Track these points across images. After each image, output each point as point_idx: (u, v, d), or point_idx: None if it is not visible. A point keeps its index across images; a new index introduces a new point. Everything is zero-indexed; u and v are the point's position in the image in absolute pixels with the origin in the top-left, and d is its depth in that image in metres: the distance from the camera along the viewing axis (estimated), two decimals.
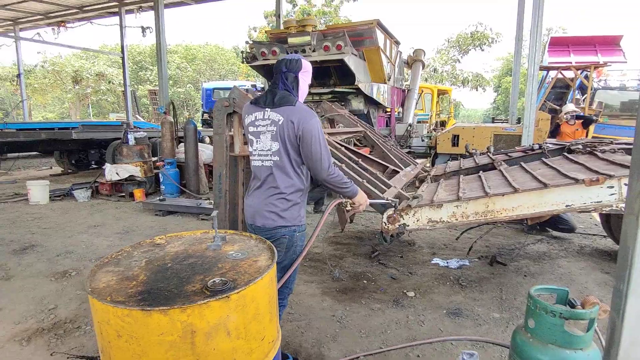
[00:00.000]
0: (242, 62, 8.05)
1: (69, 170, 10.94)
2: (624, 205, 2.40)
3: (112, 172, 7.37)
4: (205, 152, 8.72)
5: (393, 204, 2.89)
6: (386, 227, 2.91)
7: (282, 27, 11.48)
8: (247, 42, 8.94)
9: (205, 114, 16.25)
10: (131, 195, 7.55)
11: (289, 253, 2.27)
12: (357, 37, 6.89)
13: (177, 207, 6.42)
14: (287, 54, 6.76)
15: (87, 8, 12.81)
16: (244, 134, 3.59)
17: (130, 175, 7.47)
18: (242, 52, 8.21)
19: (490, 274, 4.12)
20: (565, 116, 7.33)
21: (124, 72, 13.06)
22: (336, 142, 3.69)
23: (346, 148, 3.81)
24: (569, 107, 7.59)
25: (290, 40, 6.62)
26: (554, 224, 5.29)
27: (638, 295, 1.20)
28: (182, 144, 8.75)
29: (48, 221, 6.17)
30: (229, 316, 1.29)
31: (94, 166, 11.50)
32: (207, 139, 11.97)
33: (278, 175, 2.23)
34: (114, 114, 27.73)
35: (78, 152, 10.96)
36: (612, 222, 4.62)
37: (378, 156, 4.62)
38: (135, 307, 1.22)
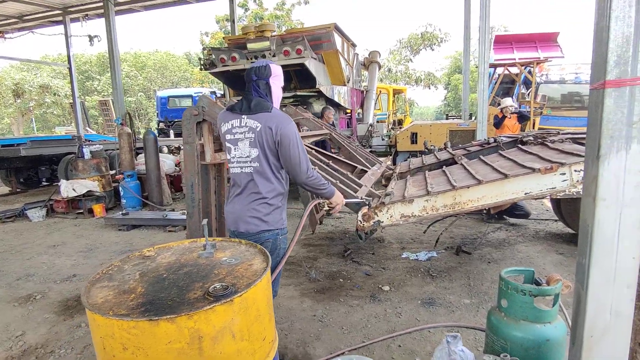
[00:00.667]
0: (200, 69, 7.95)
1: (18, 190, 10.29)
2: (575, 189, 2.65)
3: (68, 188, 7.04)
4: (166, 162, 8.53)
5: (367, 202, 3.01)
6: (361, 224, 3.02)
7: (237, 32, 11.45)
8: (204, 49, 8.83)
9: (161, 123, 15.82)
10: (90, 211, 7.25)
11: (272, 256, 2.32)
12: (316, 41, 7.01)
13: (142, 220, 6.25)
14: (247, 59, 6.78)
15: (27, 17, 12.13)
16: (215, 142, 3.63)
17: (88, 191, 7.17)
18: (199, 58, 8.11)
19: (457, 263, 4.35)
20: (508, 109, 7.71)
21: (72, 83, 12.46)
22: (306, 145, 3.76)
23: (316, 150, 3.90)
24: (508, 101, 7.88)
25: (250, 45, 6.63)
26: (510, 212, 5.66)
27: (599, 267, 1.37)
28: (140, 155, 8.51)
29: (2, 244, 5.81)
30: (233, 319, 1.34)
31: (45, 183, 10.90)
32: (165, 149, 11.69)
33: (259, 181, 2.27)
34: (61, 127, 26.30)
35: (27, 170, 10.33)
36: (562, 207, 5.00)
37: (345, 157, 4.75)
38: (142, 318, 1.24)
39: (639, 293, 1.42)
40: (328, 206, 2.61)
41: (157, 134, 7.86)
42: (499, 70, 10.72)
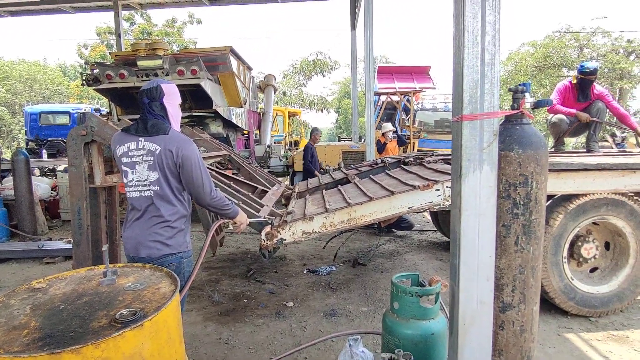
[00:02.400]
0: (82, 84, 7.30)
1: None
2: (447, 203, 3.11)
3: None
4: (41, 185, 7.58)
5: (270, 221, 3.11)
6: (265, 243, 3.11)
7: (123, 46, 10.78)
8: (86, 62, 8.14)
9: (30, 142, 13.96)
10: None
11: None
12: (211, 62, 6.98)
13: (11, 253, 5.44)
14: (137, 77, 6.47)
15: None
16: (105, 164, 3.41)
17: None
18: (80, 73, 7.47)
19: (354, 274, 4.66)
20: (387, 134, 8.59)
21: None
22: (207, 166, 3.74)
23: (216, 172, 3.89)
24: (388, 126, 8.83)
25: (140, 63, 6.33)
26: (397, 224, 6.25)
27: (466, 265, 1.68)
28: (7, 179, 7.43)
29: None
30: (143, 344, 1.32)
31: None
32: (37, 171, 10.34)
33: (160, 204, 2.22)
34: None
35: None
36: (439, 219, 5.71)
37: (245, 178, 4.80)
38: (41, 352, 1.17)
39: (496, 285, 1.76)
40: (232, 226, 2.65)
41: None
42: (383, 97, 11.82)
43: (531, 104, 1.79)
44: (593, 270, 3.63)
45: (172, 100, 2.34)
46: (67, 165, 9.18)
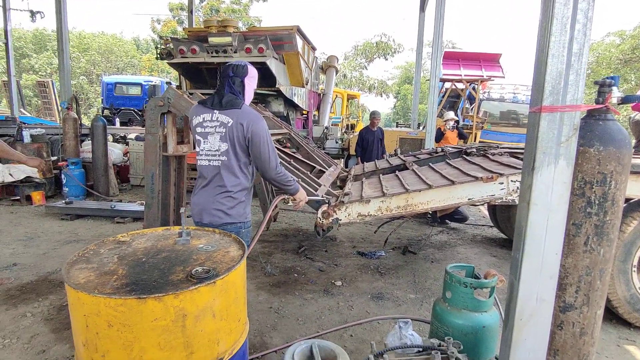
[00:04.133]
0: (157, 58, 7.74)
1: None
2: (511, 197, 3.00)
3: (4, 173, 6.58)
4: (114, 151, 8.22)
5: (327, 201, 3.19)
6: (321, 221, 3.19)
7: (194, 23, 11.22)
8: (161, 37, 8.59)
9: (105, 110, 15.06)
10: (28, 198, 6.81)
11: None
12: (277, 42, 7.10)
13: (87, 210, 6.00)
14: (208, 53, 6.73)
15: None
16: (177, 134, 3.64)
17: (26, 177, 6.74)
18: (155, 47, 7.90)
19: (403, 261, 4.66)
20: (448, 123, 8.27)
21: (7, 60, 11.54)
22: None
23: (278, 149, 4.02)
24: (450, 114, 8.49)
25: (211, 39, 6.58)
26: (451, 216, 6.11)
27: (529, 261, 1.64)
28: (85, 143, 8.13)
29: None
30: (214, 300, 1.45)
31: None
32: (110, 137, 11.17)
33: (225, 174, 2.36)
34: None
35: None
36: (497, 214, 5.50)
37: (303, 157, 4.90)
38: (130, 296, 1.32)
39: (559, 284, 1.70)
40: (292, 202, 2.75)
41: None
42: (447, 84, 11.40)
43: (618, 99, 1.67)
44: None
45: (252, 82, 2.49)
46: (138, 134, 9.83)
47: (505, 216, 5.33)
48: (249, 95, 2.53)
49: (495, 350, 2.23)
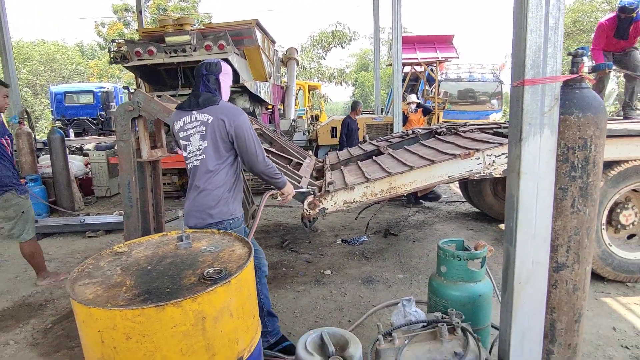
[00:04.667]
0: (111, 63, 7.42)
1: None
2: (488, 170, 3.14)
3: None
4: (75, 163, 7.84)
5: (312, 192, 3.21)
6: (307, 212, 3.21)
7: (144, 24, 10.80)
8: (113, 41, 8.22)
9: (57, 122, 14.29)
10: None
11: None
12: (237, 37, 6.96)
13: (55, 227, 5.72)
14: (166, 53, 6.52)
15: None
16: (150, 138, 3.53)
17: None
18: (109, 51, 7.56)
19: (387, 244, 4.77)
20: (410, 106, 8.55)
21: None
22: None
23: None
24: (412, 97, 8.78)
25: (168, 39, 6.37)
26: (425, 196, 6.29)
27: (523, 227, 1.73)
28: (42, 157, 7.71)
29: None
30: (231, 299, 1.44)
31: None
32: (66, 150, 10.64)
33: (204, 173, 2.31)
34: None
35: None
36: (469, 189, 5.71)
37: (278, 151, 4.88)
38: (147, 305, 1.29)
39: (551, 245, 1.81)
40: (280, 196, 2.75)
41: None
42: (406, 68, 11.62)
43: (589, 67, 1.78)
44: (631, 236, 3.63)
45: (227, 79, 2.46)
46: (97, 143, 9.40)
47: (477, 190, 5.54)
48: (225, 92, 2.50)
49: (490, 315, 2.35)
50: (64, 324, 3.26)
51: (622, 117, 4.76)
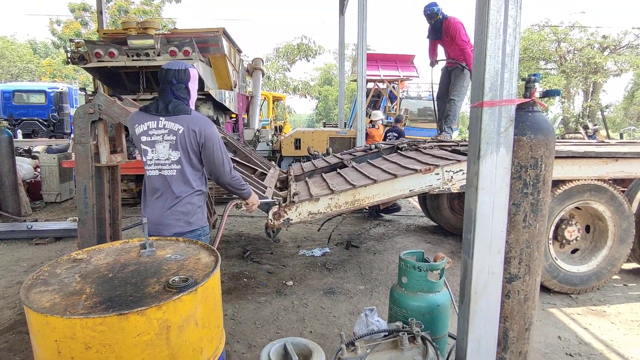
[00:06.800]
0: (67, 63, 7.10)
1: None
2: (447, 186, 3.28)
3: None
4: (23, 166, 7.40)
5: (277, 202, 3.21)
6: (272, 223, 3.21)
7: (105, 24, 10.46)
8: (71, 40, 7.89)
9: (4, 121, 13.41)
10: None
11: None
12: (203, 44, 6.90)
13: None
14: (128, 56, 6.35)
15: None
16: (110, 143, 3.41)
17: None
18: (66, 50, 7.25)
19: (348, 256, 4.83)
20: (378, 121, 8.86)
21: None
22: None
23: None
24: (379, 114, 9.13)
25: (131, 42, 6.20)
26: (386, 209, 6.45)
27: (480, 239, 1.84)
28: None
29: None
30: (197, 308, 1.42)
31: None
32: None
33: (181, 183, 2.29)
34: None
35: None
36: (427, 204, 5.91)
37: (242, 160, 4.85)
38: (109, 313, 1.25)
39: (505, 257, 1.92)
40: (245, 206, 2.75)
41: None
42: (369, 85, 11.94)
43: (540, 93, 1.93)
44: (574, 251, 3.90)
45: (194, 85, 2.44)
46: (47, 146, 8.94)
47: (435, 205, 5.74)
48: (193, 99, 2.48)
49: (448, 325, 2.45)
50: (7, 337, 3.05)
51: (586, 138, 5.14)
